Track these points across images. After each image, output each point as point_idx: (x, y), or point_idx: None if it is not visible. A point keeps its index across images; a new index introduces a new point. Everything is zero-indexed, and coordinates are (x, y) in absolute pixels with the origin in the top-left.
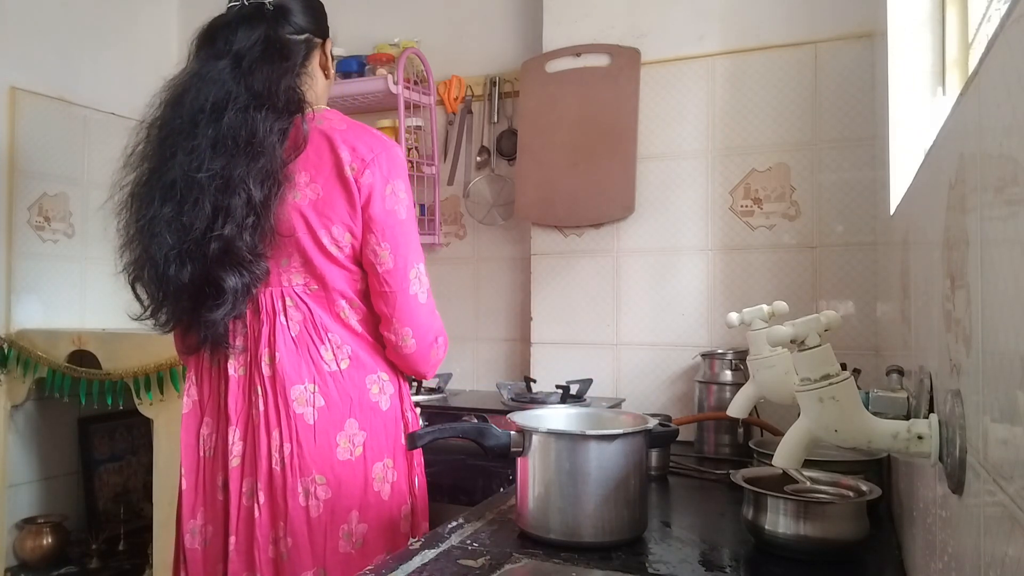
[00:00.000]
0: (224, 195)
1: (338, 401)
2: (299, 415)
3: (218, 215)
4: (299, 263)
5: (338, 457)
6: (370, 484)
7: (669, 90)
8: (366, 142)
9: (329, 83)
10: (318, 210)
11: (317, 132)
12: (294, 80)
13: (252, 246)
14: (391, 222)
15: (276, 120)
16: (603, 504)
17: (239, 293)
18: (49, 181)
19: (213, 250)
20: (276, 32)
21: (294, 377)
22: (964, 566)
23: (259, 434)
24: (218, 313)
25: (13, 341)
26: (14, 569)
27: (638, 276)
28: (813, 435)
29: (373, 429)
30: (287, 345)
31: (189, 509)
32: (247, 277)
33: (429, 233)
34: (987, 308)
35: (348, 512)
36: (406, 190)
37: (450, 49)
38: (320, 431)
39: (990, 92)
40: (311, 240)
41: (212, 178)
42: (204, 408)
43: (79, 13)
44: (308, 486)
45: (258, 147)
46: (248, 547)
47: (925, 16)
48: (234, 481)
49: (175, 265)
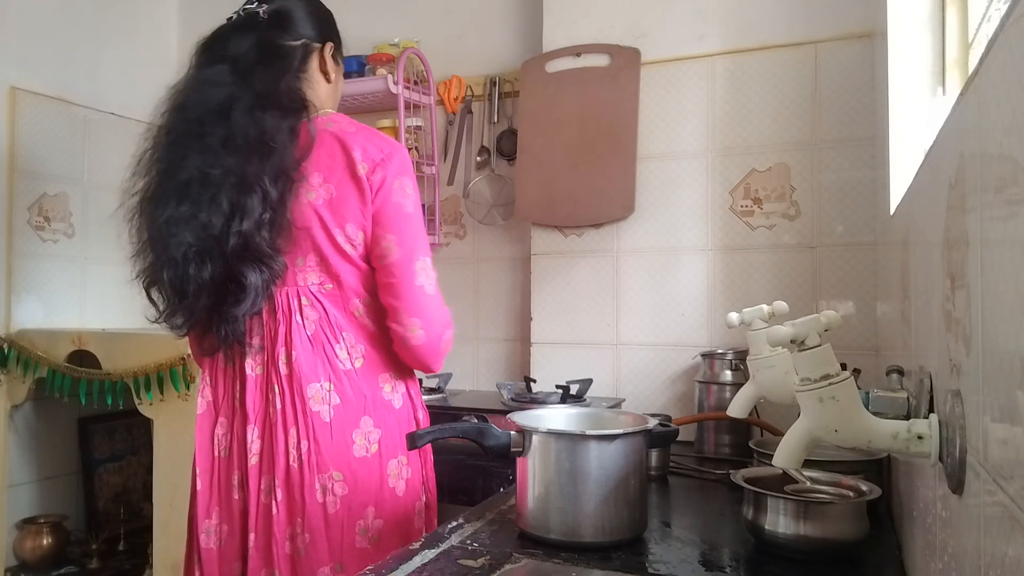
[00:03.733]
0: (240, 193)
1: (353, 399)
2: (315, 413)
3: (235, 212)
4: (315, 261)
5: (354, 454)
6: (385, 480)
7: (669, 90)
8: (376, 144)
9: (332, 87)
10: (332, 209)
11: (328, 134)
12: (294, 81)
13: (271, 242)
14: (398, 215)
15: (283, 119)
16: (603, 504)
17: (260, 288)
18: (49, 181)
19: (233, 246)
20: (269, 37)
21: (310, 375)
22: (964, 566)
23: (276, 432)
24: (240, 308)
25: (13, 341)
26: (14, 569)
27: (638, 276)
28: (813, 435)
29: (387, 426)
30: (303, 344)
31: (204, 509)
32: (267, 273)
33: (429, 233)
34: (987, 308)
35: (364, 508)
36: (414, 188)
37: (450, 49)
38: (336, 428)
39: (990, 92)
40: (326, 238)
41: (226, 175)
42: (219, 408)
43: (79, 13)
44: (325, 483)
45: (269, 145)
46: (267, 544)
47: (925, 16)
48: (253, 479)
49: (195, 264)
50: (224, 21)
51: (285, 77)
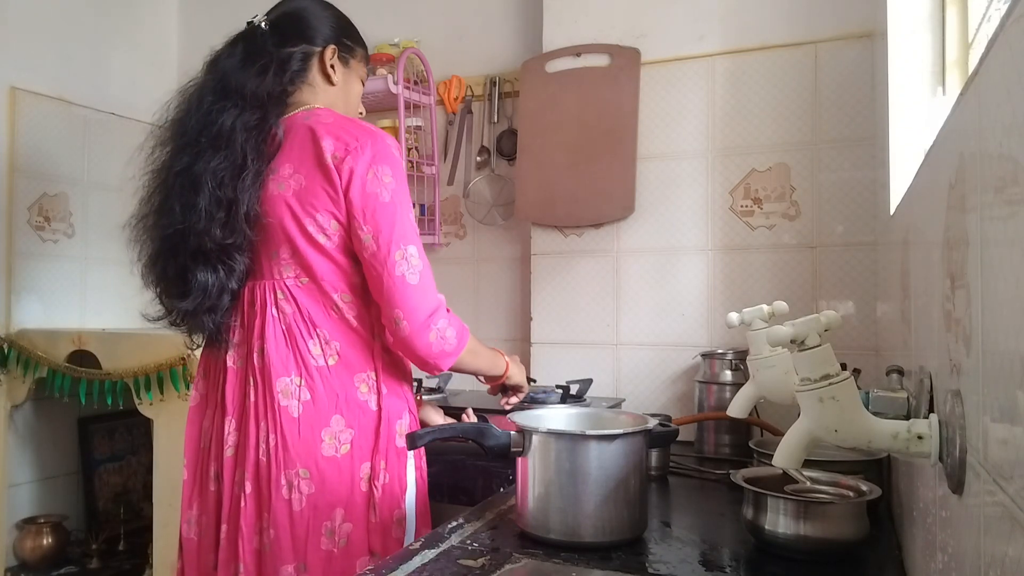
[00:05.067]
0: (191, 192)
1: (324, 396)
2: (284, 407)
3: (187, 212)
4: (288, 254)
5: (323, 452)
6: (357, 484)
7: (669, 90)
8: (350, 131)
9: (339, 89)
10: (301, 199)
11: (304, 127)
12: (274, 83)
13: (222, 239)
14: (372, 204)
15: (240, 116)
16: (603, 504)
17: (209, 287)
18: (49, 181)
19: (190, 245)
20: (256, 45)
21: (280, 369)
22: (964, 566)
23: (249, 424)
24: (185, 304)
25: (13, 341)
26: (14, 569)
27: (638, 276)
28: (813, 435)
29: (361, 428)
30: (276, 337)
31: (187, 500)
32: (221, 272)
33: (429, 233)
34: (987, 308)
35: (332, 509)
36: (393, 176)
37: (450, 49)
38: (304, 425)
39: (990, 92)
40: (297, 229)
41: (178, 175)
42: (208, 401)
43: (79, 13)
44: (291, 479)
45: (221, 141)
46: (236, 536)
47: (925, 16)
48: (228, 471)
49: (160, 262)
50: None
51: (259, 79)
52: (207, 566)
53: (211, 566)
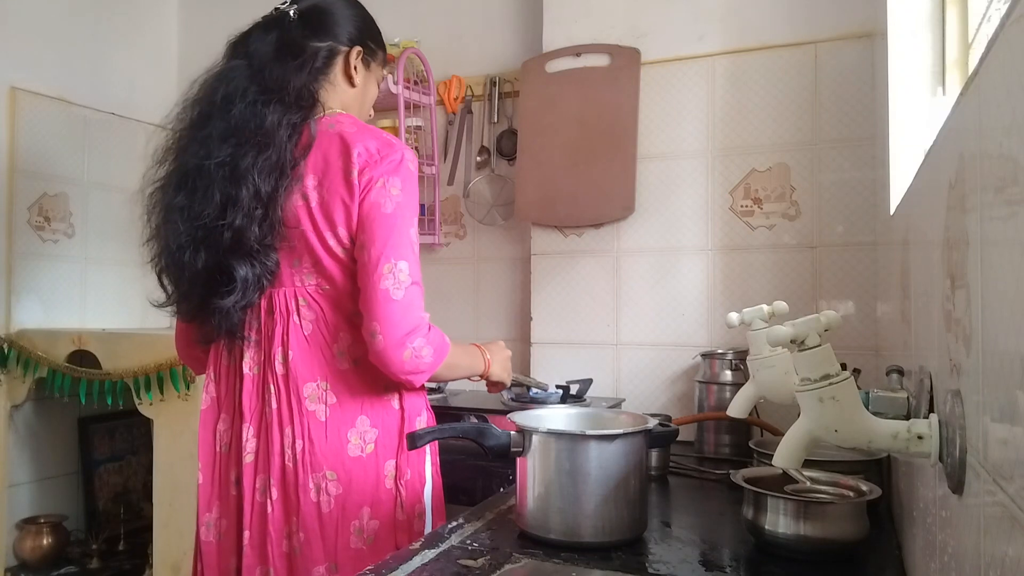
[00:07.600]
0: (232, 185)
1: (350, 398)
2: (311, 412)
3: (227, 205)
4: (310, 264)
5: (349, 453)
6: (382, 481)
7: (669, 90)
8: (374, 143)
9: (358, 92)
10: (324, 212)
11: (331, 134)
12: (308, 80)
13: (261, 238)
14: (373, 214)
15: (285, 114)
16: (603, 504)
17: (250, 283)
18: (49, 181)
19: (226, 239)
20: (292, 36)
21: (307, 375)
22: (964, 566)
23: (272, 431)
24: (228, 300)
25: (13, 341)
26: (14, 569)
27: (638, 276)
28: (813, 435)
29: (385, 427)
30: (300, 344)
31: (205, 503)
32: (258, 268)
33: (429, 233)
34: (987, 308)
35: (359, 508)
36: (402, 189)
37: (450, 49)
38: (331, 428)
39: (990, 92)
40: (318, 241)
41: (220, 166)
42: (221, 404)
43: (79, 13)
44: (319, 482)
45: (266, 138)
46: (262, 541)
47: (925, 16)
48: (248, 477)
49: (189, 251)
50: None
51: (299, 75)
52: (228, 570)
53: (231, 570)
